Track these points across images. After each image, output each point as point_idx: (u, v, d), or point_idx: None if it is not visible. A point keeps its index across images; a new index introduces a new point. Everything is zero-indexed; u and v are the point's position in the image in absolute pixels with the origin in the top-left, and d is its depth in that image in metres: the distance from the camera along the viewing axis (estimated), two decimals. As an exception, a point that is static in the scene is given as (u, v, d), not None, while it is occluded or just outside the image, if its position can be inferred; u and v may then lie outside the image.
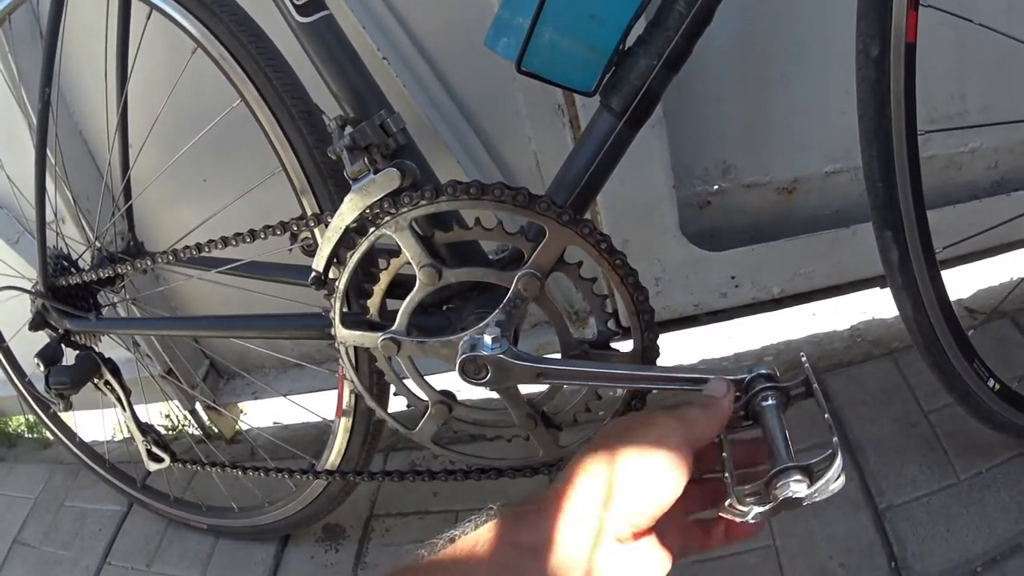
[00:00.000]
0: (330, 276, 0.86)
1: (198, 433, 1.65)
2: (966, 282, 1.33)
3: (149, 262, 1.05)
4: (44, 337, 1.21)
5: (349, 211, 0.79)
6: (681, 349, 1.43)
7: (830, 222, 1.22)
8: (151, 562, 1.42)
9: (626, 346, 0.83)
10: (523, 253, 0.77)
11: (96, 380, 1.21)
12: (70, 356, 1.21)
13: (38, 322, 1.19)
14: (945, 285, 0.87)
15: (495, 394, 0.84)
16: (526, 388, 0.84)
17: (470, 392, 0.86)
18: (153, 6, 0.91)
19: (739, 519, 0.52)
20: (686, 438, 0.53)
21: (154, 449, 1.26)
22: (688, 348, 1.43)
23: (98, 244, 1.19)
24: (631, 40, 0.75)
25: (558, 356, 0.84)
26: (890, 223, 0.83)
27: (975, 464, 1.07)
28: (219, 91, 0.90)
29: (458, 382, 0.79)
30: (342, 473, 1.14)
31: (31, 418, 1.90)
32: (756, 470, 0.56)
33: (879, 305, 1.36)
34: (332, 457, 1.15)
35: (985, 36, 0.91)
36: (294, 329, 1.02)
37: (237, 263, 1.01)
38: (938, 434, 1.13)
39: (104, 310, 1.22)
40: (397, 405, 0.97)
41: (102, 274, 1.12)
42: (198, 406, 1.62)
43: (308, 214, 0.92)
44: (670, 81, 0.75)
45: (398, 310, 0.83)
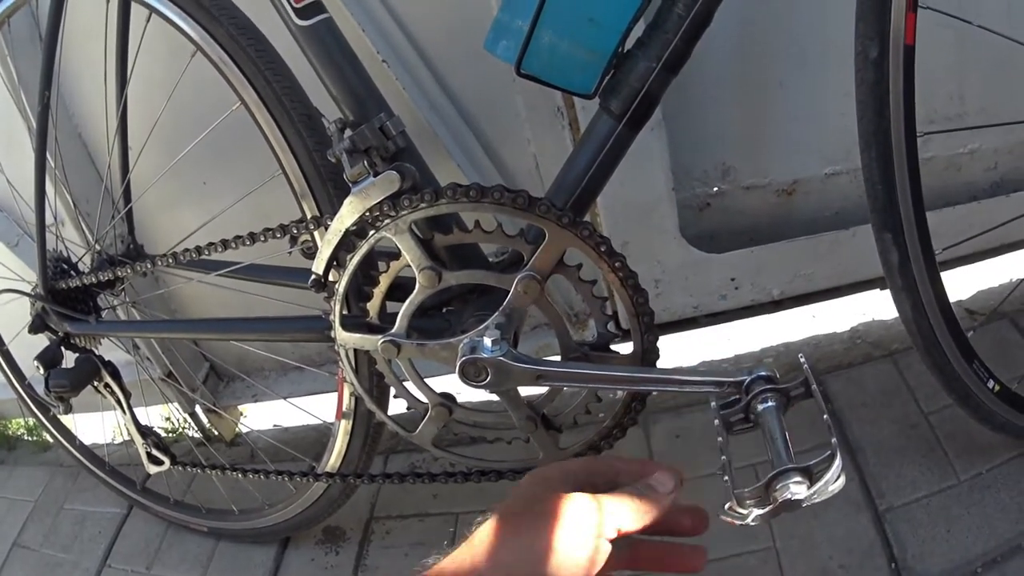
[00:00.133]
0: (330, 279, 0.86)
1: (198, 436, 1.64)
2: (966, 283, 1.32)
3: (149, 265, 1.06)
4: (44, 340, 1.21)
5: (349, 214, 0.80)
6: (681, 351, 1.43)
7: (830, 224, 1.21)
8: (151, 565, 1.42)
9: (626, 348, 0.83)
10: (523, 255, 0.78)
11: (96, 383, 1.21)
12: (70, 359, 1.20)
13: (38, 325, 1.19)
14: (945, 286, 0.87)
15: (495, 396, 0.84)
16: (526, 390, 0.85)
17: (470, 394, 0.86)
18: (152, 9, 0.91)
19: (739, 521, 0.52)
20: (601, 530, 0.48)
21: (154, 452, 1.26)
22: (688, 350, 1.43)
23: (98, 247, 1.19)
24: (630, 43, 0.75)
25: (558, 358, 0.85)
26: (890, 225, 0.83)
27: (975, 465, 1.07)
28: (219, 94, 0.90)
29: (458, 384, 0.80)
30: (342, 475, 1.14)
31: (31, 421, 1.89)
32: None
33: (879, 307, 1.36)
34: (332, 459, 1.15)
35: (984, 37, 0.91)
36: (294, 332, 1.02)
37: (237, 266, 1.01)
38: (938, 435, 1.13)
39: (104, 313, 1.22)
40: (397, 407, 0.97)
41: (102, 277, 1.12)
42: (198, 409, 1.62)
43: (308, 217, 0.92)
44: (669, 83, 0.75)
45: (398, 313, 0.83)
